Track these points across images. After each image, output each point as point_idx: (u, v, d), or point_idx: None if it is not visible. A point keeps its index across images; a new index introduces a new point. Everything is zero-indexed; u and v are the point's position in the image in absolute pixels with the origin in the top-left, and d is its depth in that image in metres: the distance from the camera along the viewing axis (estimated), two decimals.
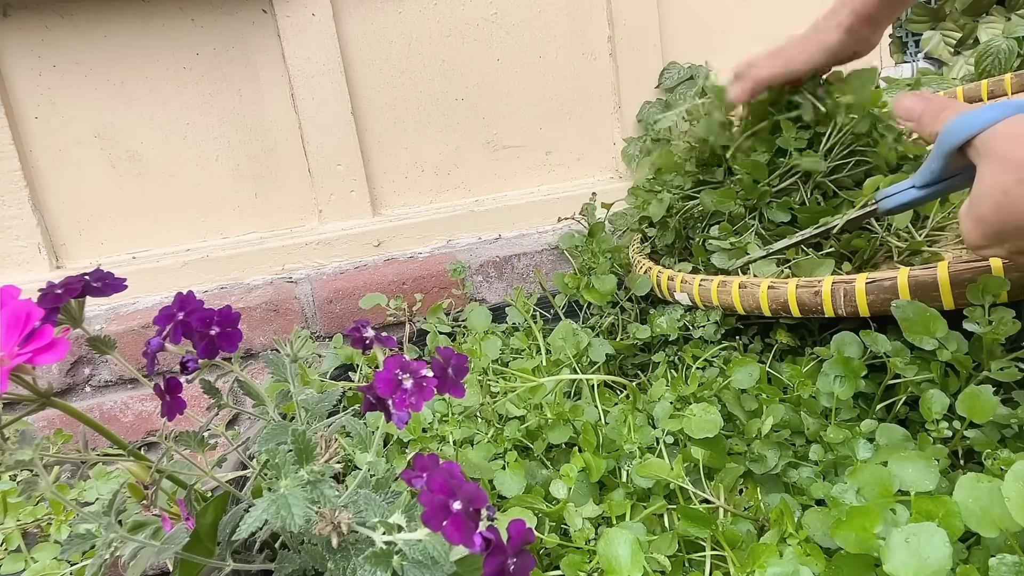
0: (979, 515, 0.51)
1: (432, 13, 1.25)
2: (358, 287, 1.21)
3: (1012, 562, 0.48)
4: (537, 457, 0.78)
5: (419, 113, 1.28)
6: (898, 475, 0.57)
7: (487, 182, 1.34)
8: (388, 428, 0.51)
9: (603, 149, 1.38)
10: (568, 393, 0.88)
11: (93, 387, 1.17)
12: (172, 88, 1.18)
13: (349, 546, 0.45)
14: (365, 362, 1.03)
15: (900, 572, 0.47)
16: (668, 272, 0.95)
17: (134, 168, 1.19)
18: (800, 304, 0.75)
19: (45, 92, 1.14)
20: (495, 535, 0.40)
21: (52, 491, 0.45)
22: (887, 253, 0.84)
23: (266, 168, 1.24)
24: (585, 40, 1.32)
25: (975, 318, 0.65)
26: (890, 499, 0.56)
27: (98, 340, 0.53)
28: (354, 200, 1.26)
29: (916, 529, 0.48)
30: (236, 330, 0.52)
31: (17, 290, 0.45)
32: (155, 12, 1.15)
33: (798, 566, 0.53)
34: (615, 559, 0.57)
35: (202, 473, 0.54)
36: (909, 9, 2.36)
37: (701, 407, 0.71)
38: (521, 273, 1.28)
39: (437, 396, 0.48)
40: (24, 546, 0.92)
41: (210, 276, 1.22)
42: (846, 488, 0.58)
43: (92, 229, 1.20)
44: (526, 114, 1.33)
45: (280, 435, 0.52)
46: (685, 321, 0.93)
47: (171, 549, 0.49)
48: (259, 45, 1.20)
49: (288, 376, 0.58)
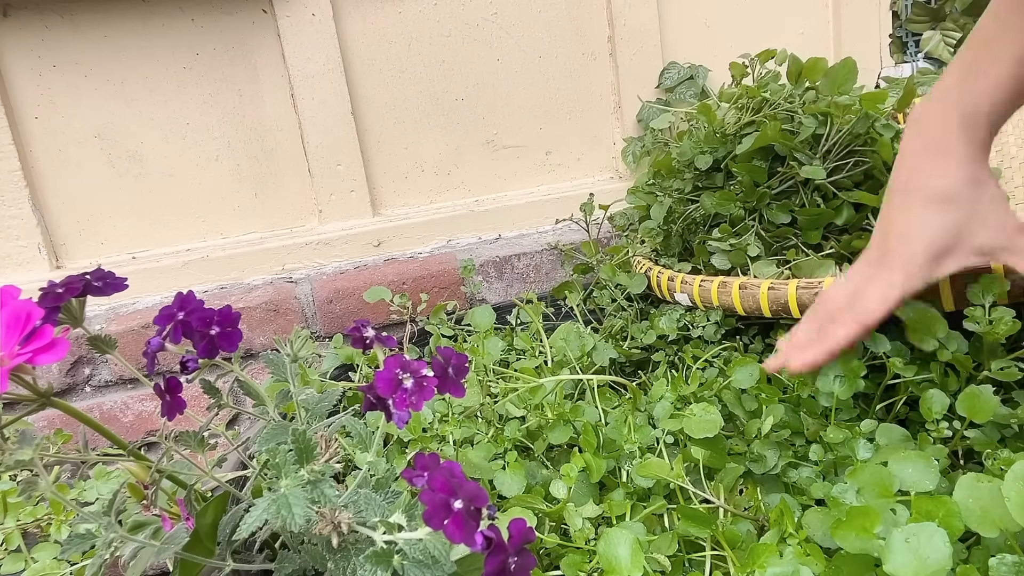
0: (979, 515, 0.51)
1: (432, 13, 1.25)
2: (358, 287, 1.21)
3: (1012, 562, 0.48)
4: (537, 457, 0.78)
5: (419, 113, 1.28)
6: (898, 475, 0.57)
7: (487, 182, 1.34)
8: (388, 428, 0.51)
9: (603, 149, 1.38)
10: (571, 395, 0.88)
11: (93, 387, 1.17)
12: (172, 88, 1.18)
13: (349, 546, 0.45)
14: (365, 362, 1.03)
15: (900, 572, 0.47)
16: (668, 272, 0.95)
17: (134, 168, 1.19)
18: (800, 305, 0.75)
19: (45, 92, 1.14)
20: (496, 534, 0.40)
21: (52, 491, 0.45)
22: None
23: (266, 168, 1.24)
24: (585, 40, 1.32)
25: (975, 318, 0.65)
26: (890, 499, 0.56)
27: (99, 340, 0.53)
28: (354, 200, 1.26)
29: (916, 529, 0.48)
30: (236, 330, 0.52)
31: (17, 290, 0.45)
32: (155, 12, 1.15)
33: (798, 566, 0.53)
34: (615, 559, 0.57)
35: (202, 473, 0.54)
36: (909, 9, 2.37)
37: (701, 407, 0.71)
38: (521, 273, 1.28)
39: (437, 396, 0.48)
40: (24, 546, 0.92)
41: (210, 276, 1.22)
42: (846, 488, 0.58)
43: (92, 229, 1.20)
44: (526, 114, 1.33)
45: (280, 435, 0.52)
46: (685, 321, 0.93)
47: (171, 549, 0.49)
48: (259, 45, 1.20)
49: (288, 376, 0.58)
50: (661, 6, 1.32)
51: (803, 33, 1.40)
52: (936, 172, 0.58)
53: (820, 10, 1.40)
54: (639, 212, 1.15)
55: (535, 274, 1.28)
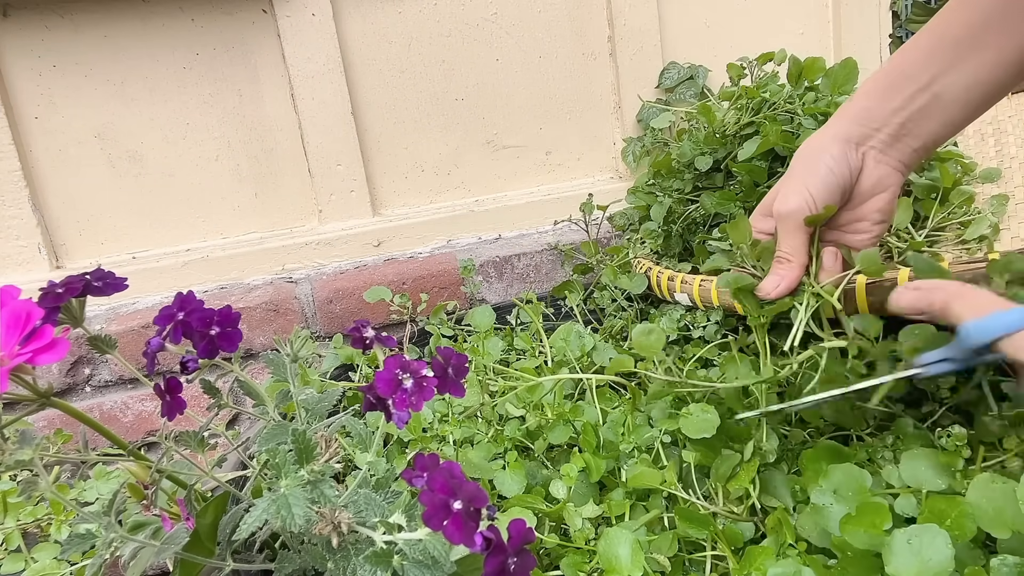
0: (992, 516, 0.50)
1: (432, 13, 1.25)
2: (358, 287, 1.21)
3: (1014, 563, 0.48)
4: (537, 457, 0.78)
5: (419, 113, 1.28)
6: (912, 474, 0.57)
7: (487, 182, 1.34)
8: (388, 428, 0.51)
9: (603, 149, 1.38)
10: (571, 394, 0.88)
11: (93, 387, 1.17)
12: (172, 88, 1.18)
13: (349, 546, 0.45)
14: (365, 362, 1.03)
15: (902, 574, 0.47)
16: (668, 272, 0.95)
17: (134, 168, 1.19)
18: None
19: (45, 92, 1.14)
20: (496, 534, 0.40)
21: (52, 491, 0.45)
22: (887, 254, 0.84)
23: (266, 168, 1.24)
24: (585, 40, 1.32)
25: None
26: (866, 496, 0.56)
27: (99, 339, 0.53)
28: (354, 200, 1.26)
29: (919, 531, 0.48)
30: (236, 330, 0.52)
31: (17, 290, 0.45)
32: (155, 12, 1.15)
33: (799, 566, 0.53)
34: (615, 559, 0.57)
35: (202, 473, 0.54)
36: (909, 9, 2.36)
37: (699, 407, 0.70)
38: (521, 273, 1.28)
39: (437, 396, 0.48)
40: (24, 546, 0.92)
41: (210, 276, 1.22)
42: (823, 492, 0.58)
43: (92, 229, 1.20)
44: (526, 114, 1.33)
45: (280, 435, 0.52)
46: (686, 321, 0.93)
47: (171, 549, 0.49)
48: (259, 45, 1.19)
49: (288, 376, 0.58)
50: (661, 6, 1.32)
51: (803, 33, 1.40)
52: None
53: (820, 10, 1.40)
54: (639, 212, 1.15)
55: (535, 274, 1.28)
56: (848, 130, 0.63)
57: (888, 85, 0.62)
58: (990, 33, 0.57)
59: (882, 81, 0.62)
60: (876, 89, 0.63)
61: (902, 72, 0.61)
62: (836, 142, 0.63)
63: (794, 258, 0.65)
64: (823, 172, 0.63)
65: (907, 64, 0.61)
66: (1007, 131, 0.95)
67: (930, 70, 0.59)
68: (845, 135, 0.63)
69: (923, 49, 0.60)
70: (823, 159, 0.63)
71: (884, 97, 0.62)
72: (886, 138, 0.62)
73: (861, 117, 0.63)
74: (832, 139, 0.64)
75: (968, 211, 0.85)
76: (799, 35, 1.40)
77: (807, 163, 0.64)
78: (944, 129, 0.61)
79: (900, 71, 0.61)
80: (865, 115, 0.63)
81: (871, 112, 0.62)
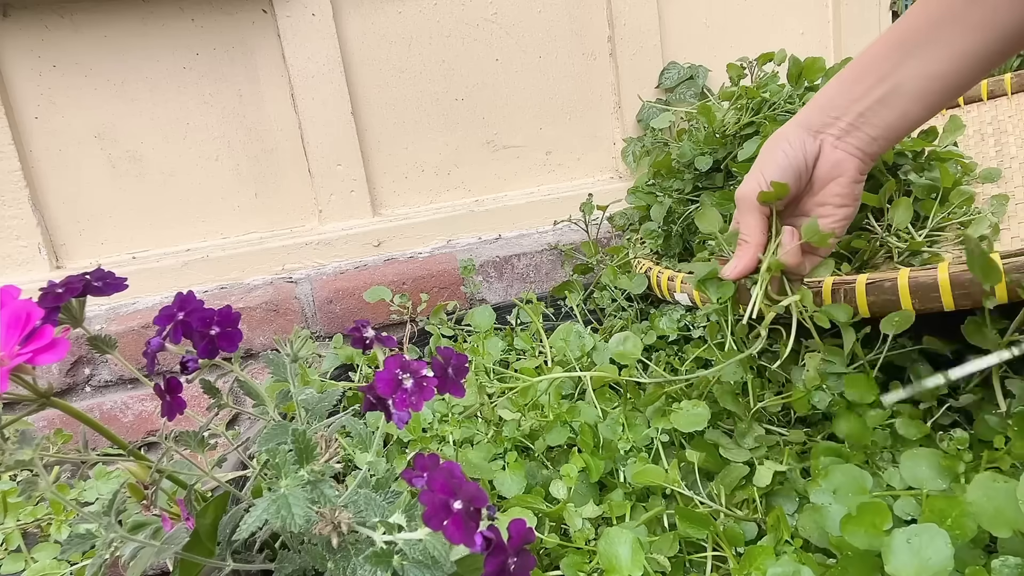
0: (992, 515, 0.50)
1: (432, 13, 1.25)
2: (358, 287, 1.21)
3: (1015, 564, 0.48)
4: (537, 457, 0.78)
5: (419, 113, 1.28)
6: (912, 474, 0.57)
7: (487, 182, 1.34)
8: (388, 428, 0.51)
9: (603, 149, 1.38)
10: (570, 395, 0.88)
11: (93, 387, 1.17)
12: (172, 88, 1.18)
13: (349, 546, 0.45)
14: (365, 362, 1.03)
15: (901, 573, 0.47)
16: (668, 272, 0.95)
17: (134, 168, 1.19)
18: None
19: (45, 92, 1.14)
20: (496, 534, 0.40)
21: (52, 491, 0.45)
22: (887, 254, 0.84)
23: (266, 168, 1.24)
24: (585, 40, 1.32)
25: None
26: (865, 495, 0.56)
27: (99, 339, 0.53)
28: (354, 200, 1.26)
29: (919, 530, 0.48)
30: (236, 330, 0.52)
31: (17, 290, 0.45)
32: (155, 12, 1.15)
33: (799, 566, 0.53)
34: (615, 559, 0.57)
35: (202, 473, 0.54)
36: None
37: (690, 403, 0.72)
38: (521, 273, 1.28)
39: (437, 396, 0.48)
40: (24, 546, 0.92)
41: (210, 276, 1.22)
42: (822, 491, 0.58)
43: (92, 229, 1.20)
44: (526, 114, 1.33)
45: (280, 435, 0.52)
46: (686, 321, 0.93)
47: (171, 549, 0.49)
48: (259, 45, 1.19)
49: (288, 376, 0.58)
50: (661, 6, 1.32)
51: (803, 33, 1.40)
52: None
53: (820, 10, 1.41)
54: (639, 212, 1.15)
55: (535, 274, 1.28)
56: (809, 119, 0.66)
57: (853, 77, 0.64)
58: (946, 26, 0.59)
59: (848, 73, 0.65)
60: (842, 80, 0.65)
61: (866, 64, 0.63)
62: (795, 130, 0.66)
63: (751, 239, 0.67)
64: (779, 157, 0.66)
65: (872, 56, 0.63)
66: (1007, 131, 0.95)
67: (891, 61, 0.62)
68: (806, 123, 0.66)
69: (888, 42, 0.63)
70: (780, 145, 0.66)
71: (847, 88, 0.64)
72: (845, 126, 0.65)
73: (825, 107, 0.66)
74: (793, 127, 0.67)
75: (968, 211, 0.85)
76: (799, 35, 1.40)
77: (766, 151, 0.67)
78: (902, 121, 0.63)
79: (865, 63, 0.64)
80: (828, 104, 0.65)
81: (833, 101, 0.65)
